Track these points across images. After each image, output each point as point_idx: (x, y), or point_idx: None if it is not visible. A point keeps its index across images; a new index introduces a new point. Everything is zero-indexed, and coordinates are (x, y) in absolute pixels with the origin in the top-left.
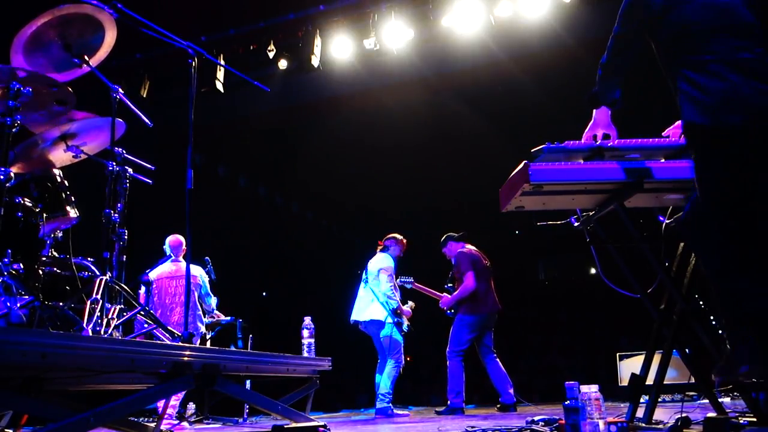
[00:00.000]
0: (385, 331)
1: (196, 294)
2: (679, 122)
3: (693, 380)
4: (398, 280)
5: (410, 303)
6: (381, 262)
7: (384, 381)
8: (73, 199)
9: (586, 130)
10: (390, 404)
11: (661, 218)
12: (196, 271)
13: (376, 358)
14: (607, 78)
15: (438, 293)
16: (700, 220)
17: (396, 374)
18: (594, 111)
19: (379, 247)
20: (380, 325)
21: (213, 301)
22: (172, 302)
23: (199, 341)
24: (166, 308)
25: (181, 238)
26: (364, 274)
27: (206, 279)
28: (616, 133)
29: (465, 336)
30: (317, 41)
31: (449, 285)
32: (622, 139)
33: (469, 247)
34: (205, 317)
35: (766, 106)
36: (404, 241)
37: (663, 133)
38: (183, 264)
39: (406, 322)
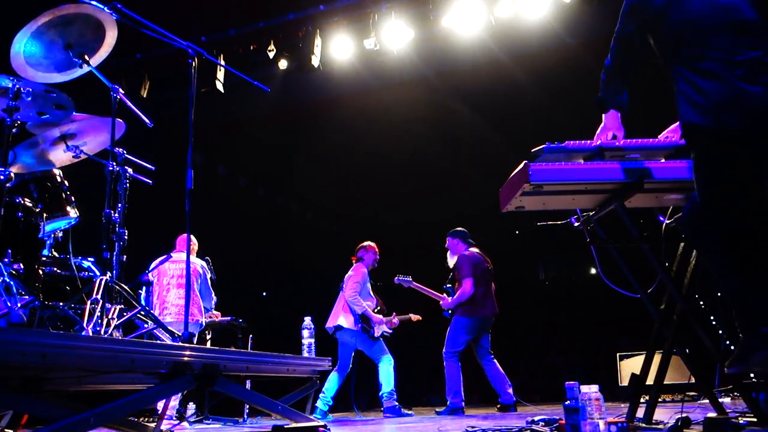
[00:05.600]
0: (357, 340)
1: (195, 285)
2: (677, 124)
3: (693, 380)
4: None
5: (394, 319)
6: (350, 271)
7: (386, 381)
8: (73, 199)
9: (597, 132)
10: (396, 402)
11: (661, 218)
12: (197, 263)
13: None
14: (610, 81)
15: (437, 294)
16: (699, 219)
17: (393, 372)
18: (604, 115)
19: (354, 260)
20: (350, 333)
21: (213, 298)
22: (169, 283)
23: (197, 336)
24: (163, 288)
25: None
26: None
27: (207, 273)
28: (623, 134)
29: (461, 338)
30: (317, 41)
31: (449, 286)
32: (622, 139)
33: (473, 249)
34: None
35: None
36: (374, 246)
37: (660, 135)
38: (184, 255)
39: (379, 330)
